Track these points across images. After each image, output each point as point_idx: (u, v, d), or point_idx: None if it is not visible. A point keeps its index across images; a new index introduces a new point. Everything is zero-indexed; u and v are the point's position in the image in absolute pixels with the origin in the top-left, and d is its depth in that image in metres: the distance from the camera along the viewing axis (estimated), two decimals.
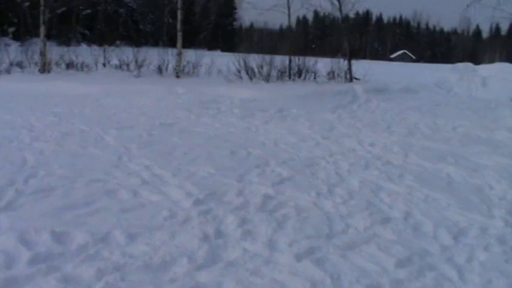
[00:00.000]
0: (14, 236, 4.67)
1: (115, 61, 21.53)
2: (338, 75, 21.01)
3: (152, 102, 12.96)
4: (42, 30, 20.60)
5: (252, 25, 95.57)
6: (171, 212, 5.51)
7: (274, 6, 21.99)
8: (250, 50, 22.30)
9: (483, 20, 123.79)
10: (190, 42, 42.42)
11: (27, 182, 6.42)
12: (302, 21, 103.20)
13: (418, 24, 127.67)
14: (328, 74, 20.99)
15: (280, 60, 20.08)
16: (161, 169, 7.20)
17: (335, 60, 21.51)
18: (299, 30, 69.84)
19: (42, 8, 20.58)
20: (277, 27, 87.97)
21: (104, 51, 20.89)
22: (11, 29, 52.01)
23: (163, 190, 6.30)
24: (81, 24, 60.87)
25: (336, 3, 21.82)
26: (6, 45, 31.37)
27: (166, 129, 10.18)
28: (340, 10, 22.15)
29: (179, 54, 19.34)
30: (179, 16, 19.86)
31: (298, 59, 20.42)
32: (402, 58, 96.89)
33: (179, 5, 19.95)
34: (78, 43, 53.96)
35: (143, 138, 9.34)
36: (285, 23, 23.54)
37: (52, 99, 13.62)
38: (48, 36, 21.42)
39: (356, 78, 20.86)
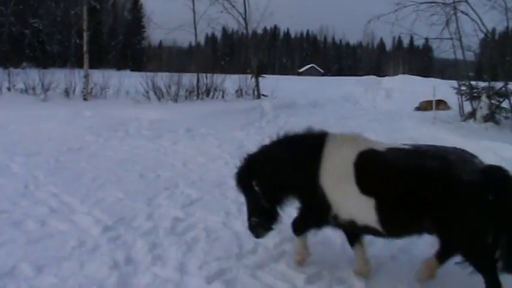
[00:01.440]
0: None
1: (20, 85, 20.98)
2: (246, 92, 21.29)
3: (60, 126, 12.73)
4: None
5: (160, 43, 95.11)
6: (80, 241, 5.49)
7: (180, 26, 22.10)
8: (159, 69, 22.26)
9: (385, 35, 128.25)
10: (98, 62, 41.96)
11: None
12: (211, 39, 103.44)
13: (325, 38, 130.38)
14: (236, 91, 21.26)
15: (188, 80, 20.13)
16: (69, 196, 7.14)
17: (243, 77, 21.76)
18: (208, 48, 70.09)
19: None
20: (186, 45, 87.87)
21: (9, 74, 20.30)
22: None
23: (72, 218, 6.26)
24: None
25: (242, 21, 22.13)
26: None
27: (74, 154, 10.04)
28: (247, 28, 22.48)
29: (86, 76, 19.08)
30: (85, 37, 19.66)
31: (206, 78, 20.52)
32: (310, 72, 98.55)
33: (84, 26, 19.71)
34: None
35: (50, 164, 9.18)
36: (194, 41, 23.65)
37: None
38: None
39: (264, 95, 21.18)
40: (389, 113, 18.68)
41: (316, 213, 4.99)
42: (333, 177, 4.75)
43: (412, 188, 4.43)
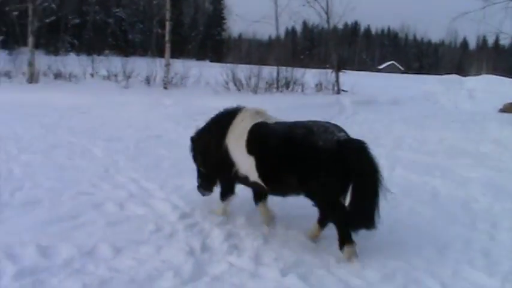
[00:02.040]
0: None
1: (103, 71, 21.49)
2: (325, 87, 21.07)
3: (140, 113, 12.94)
4: (31, 40, 20.54)
5: (240, 36, 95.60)
6: (157, 226, 5.52)
7: (262, 18, 22.07)
8: (238, 61, 22.31)
9: (470, 33, 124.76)
10: (179, 53, 42.44)
11: (13, 194, 6.41)
12: (291, 32, 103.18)
13: (406, 35, 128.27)
14: (316, 85, 21.06)
15: (268, 72, 20.09)
16: (148, 182, 7.22)
17: (323, 71, 21.58)
18: (287, 41, 69.94)
19: (30, 18, 20.52)
20: (265, 37, 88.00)
21: (92, 61, 20.81)
22: None
23: (150, 203, 6.30)
24: (70, 33, 60.68)
25: (324, 15, 21.91)
26: None
27: (154, 141, 10.16)
28: (328, 22, 22.26)
29: (167, 65, 19.30)
30: (167, 27, 19.88)
31: (286, 71, 20.44)
32: (390, 69, 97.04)
33: (167, 16, 19.96)
34: (67, 52, 53.81)
35: (130, 150, 9.34)
36: (274, 34, 23.64)
37: (40, 109, 13.58)
38: (37, 46, 21.36)
39: (343, 90, 20.92)
40: (472, 113, 18.10)
41: (226, 172, 6.00)
42: (233, 141, 5.88)
43: (282, 151, 5.37)
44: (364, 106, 17.28)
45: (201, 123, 10.97)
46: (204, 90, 18.42)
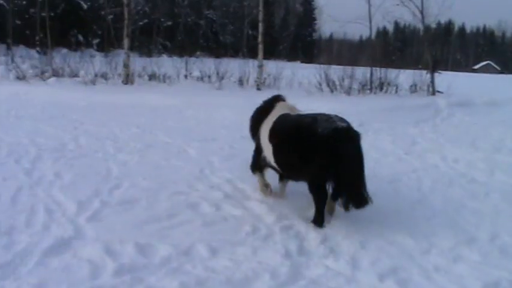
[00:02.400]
0: (100, 246, 4.84)
1: (196, 73, 21.81)
2: (420, 88, 20.65)
3: (233, 114, 13.03)
4: (126, 42, 21.10)
5: (331, 36, 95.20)
6: (254, 227, 5.54)
7: (355, 19, 21.84)
8: (329, 62, 22.15)
9: None
10: (270, 54, 42.65)
11: (111, 193, 6.61)
12: (382, 32, 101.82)
13: (503, 33, 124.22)
14: (411, 87, 20.66)
15: (361, 73, 19.88)
16: (243, 183, 7.28)
17: (417, 72, 21.16)
18: (379, 42, 69.18)
19: (126, 21, 21.07)
20: (356, 37, 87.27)
21: (186, 63, 21.15)
22: (95, 41, 53.50)
23: (245, 204, 6.35)
24: (162, 35, 61.97)
25: (419, 14, 21.46)
26: (91, 56, 32.30)
27: (248, 142, 10.18)
28: (423, 21, 21.80)
29: (260, 66, 19.39)
30: (260, 29, 19.95)
31: (380, 71, 20.15)
32: (486, 69, 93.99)
33: (260, 17, 20.03)
34: (159, 54, 54.97)
35: (225, 151, 9.44)
36: (365, 34, 23.38)
37: (135, 110, 13.93)
38: (131, 48, 21.91)
39: (439, 92, 20.43)
40: None
41: (256, 155, 7.11)
42: (264, 130, 6.74)
43: (291, 138, 6.09)
44: (460, 108, 16.79)
45: None
46: (297, 91, 18.33)
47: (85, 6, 52.51)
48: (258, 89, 19.02)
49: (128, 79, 20.14)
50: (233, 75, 20.37)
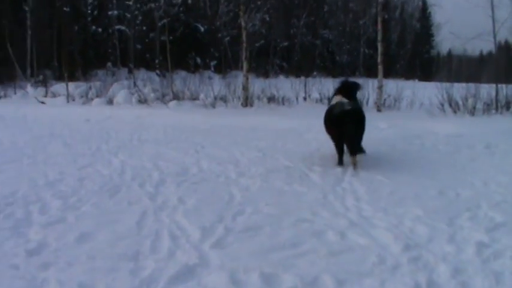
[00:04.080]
0: (224, 275, 4.81)
1: (315, 94, 21.74)
2: None
3: None
4: (245, 65, 21.35)
5: (449, 52, 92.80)
6: (380, 258, 5.33)
7: (478, 35, 21.07)
8: (448, 79, 21.42)
9: None
10: (387, 72, 42.06)
11: (235, 219, 6.59)
12: (504, 46, 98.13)
13: None
14: None
15: (485, 91, 19.05)
16: (368, 209, 7.06)
17: None
18: (502, 57, 66.77)
19: (244, 44, 21.33)
20: (476, 53, 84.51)
21: (305, 84, 21.12)
22: (213, 63, 54.76)
23: (371, 233, 6.13)
24: (279, 56, 62.59)
25: None
26: (210, 78, 33.05)
27: (370, 165, 9.98)
28: None
29: (380, 87, 19.05)
30: (379, 49, 19.62)
31: (505, 89, 19.20)
32: None
33: (379, 37, 19.71)
34: (276, 75, 55.54)
35: (347, 174, 9.24)
36: (486, 49, 22.50)
37: (255, 133, 14.01)
38: (248, 69, 22.13)
39: None
40: None
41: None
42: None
43: (326, 117, 10.33)
44: None
45: (417, 147, 10.82)
46: (418, 112, 17.90)
47: (202, 29, 53.88)
48: (379, 110, 18.65)
49: (247, 102, 20.34)
50: None
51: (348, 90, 10.67)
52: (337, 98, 10.37)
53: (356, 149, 9.60)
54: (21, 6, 41.79)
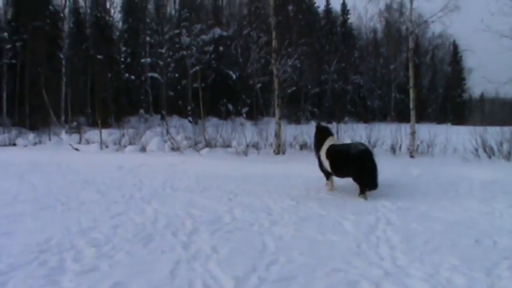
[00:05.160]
0: None
1: (347, 140, 21.67)
2: None
3: (387, 184, 12.76)
4: (277, 113, 21.41)
5: (482, 96, 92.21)
6: None
7: (511, 79, 20.91)
8: (482, 122, 21.16)
9: None
10: (419, 117, 41.95)
11: (268, 268, 6.55)
12: None
13: None
14: None
15: None
16: (403, 259, 6.95)
17: None
18: None
19: (276, 92, 21.43)
20: (509, 96, 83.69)
21: (337, 131, 21.05)
22: (244, 109, 55.11)
23: (407, 283, 6.05)
24: (310, 102, 62.81)
25: None
26: (241, 124, 33.18)
27: (404, 213, 9.86)
28: None
29: (412, 133, 18.89)
30: (411, 95, 19.51)
31: None
32: None
33: (411, 83, 19.64)
34: (308, 121, 55.66)
35: (381, 222, 9.13)
36: None
37: (288, 181, 13.96)
38: (280, 116, 22.14)
39: None
40: None
41: (320, 166, 12.75)
42: (322, 152, 12.42)
43: (339, 156, 11.90)
44: None
45: (452, 194, 10.67)
46: (452, 157, 17.68)
47: (234, 76, 54.40)
48: (411, 156, 18.46)
49: (279, 149, 20.30)
50: (384, 143, 20.00)
51: (331, 132, 13.22)
52: (333, 140, 12.78)
53: (376, 183, 11.58)
54: (57, 54, 42.72)
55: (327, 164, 12.13)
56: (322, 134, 12.90)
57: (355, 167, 11.48)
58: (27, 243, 7.77)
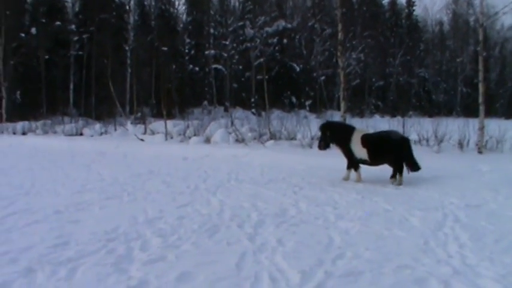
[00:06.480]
0: None
1: (414, 135, 21.34)
2: None
3: (455, 179, 12.51)
4: (342, 106, 21.33)
5: None
6: None
7: None
8: None
9: None
10: (486, 112, 41.03)
11: (334, 263, 6.50)
12: None
13: None
14: None
15: None
16: (472, 257, 6.79)
17: None
18: None
19: (342, 85, 21.30)
20: None
21: (403, 125, 20.73)
22: (308, 102, 54.95)
23: (477, 282, 5.90)
24: (374, 95, 62.18)
25: None
26: (305, 117, 33.08)
27: (473, 211, 9.64)
28: None
29: (481, 128, 18.46)
30: (481, 89, 19.09)
31: None
32: None
33: (480, 77, 19.17)
34: (372, 114, 55.17)
35: (448, 220, 8.94)
36: None
37: (353, 174, 13.81)
38: (345, 109, 21.98)
39: None
40: None
41: (351, 157, 13.23)
42: (354, 141, 12.99)
43: (379, 144, 12.79)
44: None
45: None
46: None
47: (298, 69, 54.29)
48: (480, 152, 18.04)
49: None
50: (452, 138, 19.60)
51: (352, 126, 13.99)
52: (361, 130, 13.53)
53: (418, 164, 12.82)
54: (122, 46, 43.47)
55: (362, 152, 12.84)
56: (345, 128, 13.72)
57: (398, 152, 12.73)
58: (95, 231, 7.95)
